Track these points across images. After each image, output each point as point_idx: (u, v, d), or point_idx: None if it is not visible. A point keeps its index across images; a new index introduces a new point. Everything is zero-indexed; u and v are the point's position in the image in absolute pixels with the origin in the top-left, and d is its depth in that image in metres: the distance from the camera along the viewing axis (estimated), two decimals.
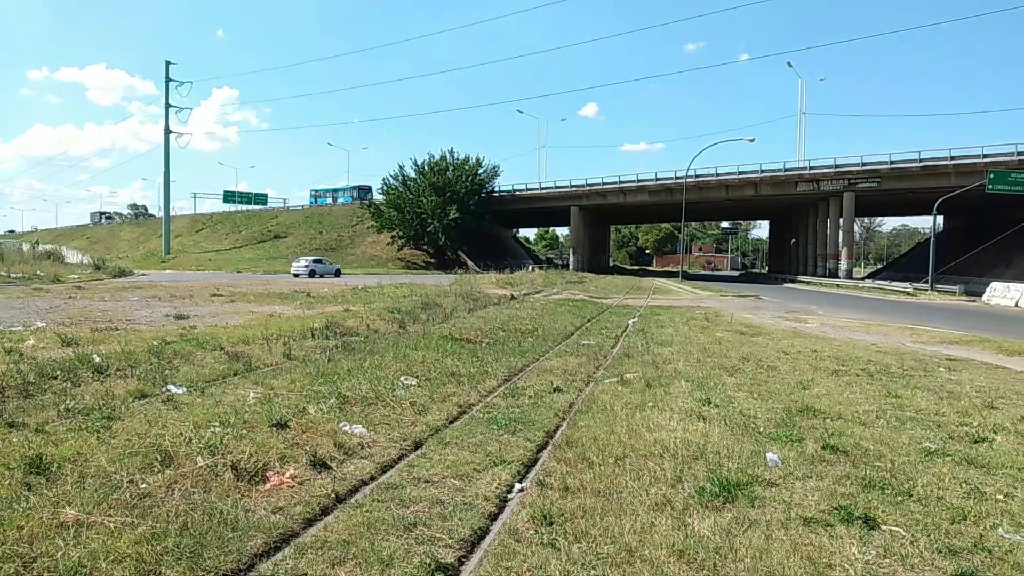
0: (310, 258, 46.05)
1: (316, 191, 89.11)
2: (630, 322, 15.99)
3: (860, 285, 43.92)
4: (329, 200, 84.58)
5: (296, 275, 40.94)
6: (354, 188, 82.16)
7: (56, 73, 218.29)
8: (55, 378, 6.99)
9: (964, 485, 4.63)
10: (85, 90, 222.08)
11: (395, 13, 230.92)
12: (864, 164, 47.32)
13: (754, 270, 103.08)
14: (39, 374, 7.04)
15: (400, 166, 65.61)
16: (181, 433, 5.07)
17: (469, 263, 58.15)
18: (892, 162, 45.90)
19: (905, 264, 59.98)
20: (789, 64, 62.09)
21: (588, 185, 61.12)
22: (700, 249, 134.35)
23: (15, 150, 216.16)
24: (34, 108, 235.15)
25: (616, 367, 9.31)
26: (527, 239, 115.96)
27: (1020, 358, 11.48)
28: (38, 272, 30.06)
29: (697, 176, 53.88)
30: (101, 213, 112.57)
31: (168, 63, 66.13)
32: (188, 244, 74.78)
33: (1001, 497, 4.43)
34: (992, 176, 37.72)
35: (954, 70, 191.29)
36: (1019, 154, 41.07)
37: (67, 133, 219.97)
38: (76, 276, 31.27)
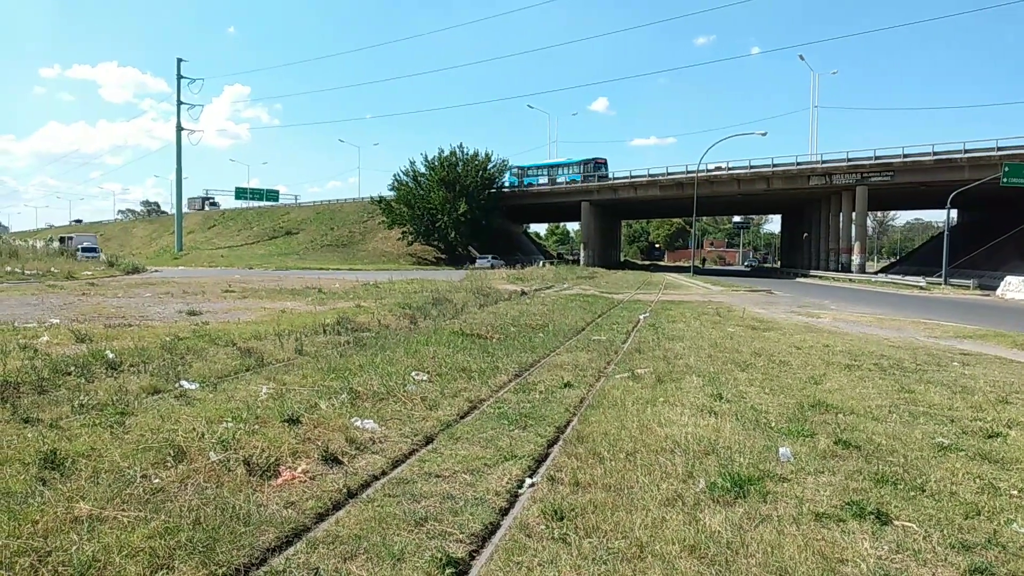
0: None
1: (520, 169, 68.13)
2: (641, 317, 15.95)
3: (873, 279, 43.62)
4: (543, 180, 65.14)
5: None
6: (584, 162, 62.42)
7: (68, 71, 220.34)
8: (69, 374, 7.05)
9: (978, 480, 4.59)
10: (98, 88, 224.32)
11: (406, 9, 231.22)
12: (877, 157, 46.88)
13: (766, 265, 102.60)
14: (53, 370, 7.10)
15: (411, 161, 65.01)
16: (194, 428, 5.10)
17: (479, 259, 58.18)
18: (905, 155, 45.45)
19: (918, 258, 59.48)
20: (801, 57, 62.20)
21: (599, 180, 60.95)
22: (712, 244, 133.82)
23: (29, 148, 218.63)
24: (47, 106, 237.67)
25: (627, 362, 9.30)
26: (538, 234, 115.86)
27: None
28: (52, 269, 30.31)
29: (708, 170, 53.60)
30: (203, 199, 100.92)
31: (180, 60, 66.64)
32: (200, 241, 75.29)
33: (1015, 492, 4.39)
34: (1007, 169, 37.31)
35: (968, 62, 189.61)
36: None
37: (80, 131, 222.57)
38: (89, 273, 31.51)
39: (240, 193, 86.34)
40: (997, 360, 10.37)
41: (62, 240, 59.36)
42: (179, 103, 66.89)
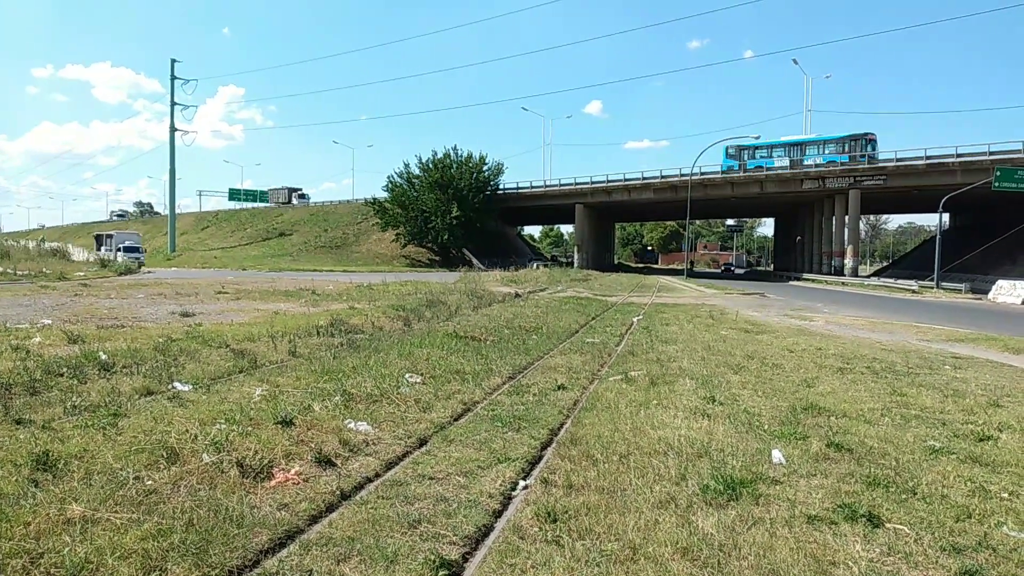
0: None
1: (738, 148, 54.22)
2: (635, 320, 15.98)
3: (865, 283, 43.83)
4: (781, 162, 51.45)
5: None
6: (848, 138, 48.96)
7: (62, 71, 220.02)
8: (61, 375, 7.01)
9: (969, 483, 4.62)
10: (91, 88, 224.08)
11: (400, 11, 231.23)
12: (870, 161, 47.15)
13: (759, 268, 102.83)
14: (46, 371, 7.06)
15: (405, 163, 65.32)
16: (187, 430, 5.09)
17: (474, 261, 58.17)
18: (898, 159, 45.75)
19: (911, 262, 59.79)
20: (795, 62, 62.17)
21: (593, 183, 61.03)
22: (705, 247, 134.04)
23: (21, 148, 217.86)
24: (40, 106, 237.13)
25: (620, 365, 9.31)
26: (532, 237, 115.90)
27: None
28: (44, 269, 30.21)
29: (702, 174, 53.74)
30: (290, 190, 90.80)
31: (174, 61, 66.35)
32: (193, 242, 75.00)
33: (1006, 495, 4.42)
34: (999, 173, 37.55)
35: (961, 67, 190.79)
36: None
37: (73, 131, 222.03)
38: (82, 273, 31.37)
39: (233, 194, 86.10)
40: (989, 364, 10.43)
41: (99, 239, 55.11)
42: (173, 104, 66.66)
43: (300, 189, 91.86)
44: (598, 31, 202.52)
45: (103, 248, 51.19)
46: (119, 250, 46.75)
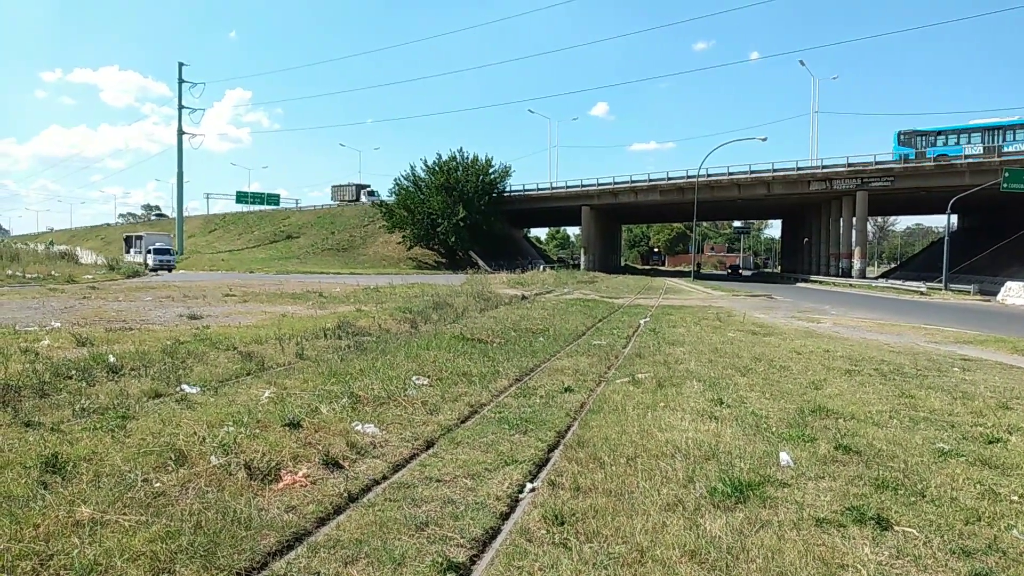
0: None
1: (909, 134, 46.05)
2: (641, 322, 15.95)
3: (873, 285, 43.62)
4: (973, 149, 43.25)
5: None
6: None
7: (70, 75, 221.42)
8: (70, 378, 7.05)
9: (978, 486, 4.59)
10: (99, 91, 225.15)
11: (407, 13, 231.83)
12: (877, 163, 46.97)
13: (766, 269, 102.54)
14: (54, 374, 7.10)
15: (411, 166, 65.34)
16: (195, 432, 5.11)
17: (480, 263, 58.17)
18: (906, 161, 45.51)
19: (919, 264, 59.52)
20: (801, 63, 61.36)
21: (599, 185, 60.99)
22: (712, 248, 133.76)
23: (30, 151, 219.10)
24: (48, 110, 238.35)
25: (627, 367, 9.30)
26: (538, 239, 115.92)
27: None
28: (53, 272, 30.30)
29: (709, 175, 53.65)
30: (359, 187, 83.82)
31: (181, 64, 66.60)
32: (201, 244, 75.24)
33: (1016, 498, 4.40)
34: (1007, 175, 37.35)
35: (968, 67, 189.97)
36: None
37: (81, 134, 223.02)
38: (90, 276, 31.49)
39: (241, 197, 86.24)
40: (998, 365, 10.37)
41: (128, 240, 53.13)
42: (180, 107, 66.94)
43: (369, 186, 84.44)
44: (603, 33, 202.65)
45: (132, 250, 49.67)
46: (149, 252, 45.54)
